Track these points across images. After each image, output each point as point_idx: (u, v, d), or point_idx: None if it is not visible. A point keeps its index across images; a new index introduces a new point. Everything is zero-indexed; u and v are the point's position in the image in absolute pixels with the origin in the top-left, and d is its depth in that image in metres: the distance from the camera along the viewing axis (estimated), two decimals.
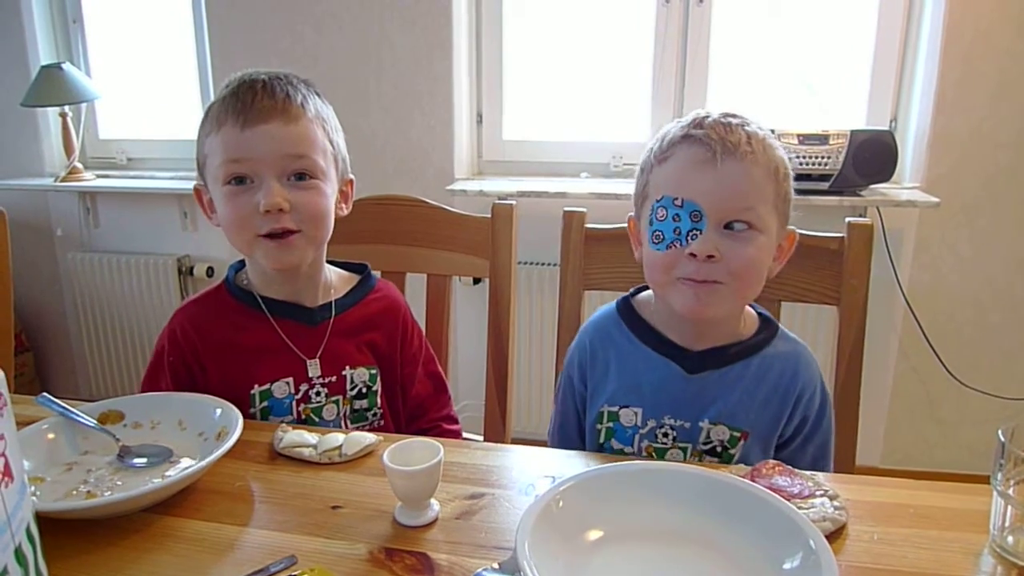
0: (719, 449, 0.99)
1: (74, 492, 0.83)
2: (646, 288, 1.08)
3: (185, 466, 0.87)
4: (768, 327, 1.03)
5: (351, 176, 1.16)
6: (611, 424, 1.03)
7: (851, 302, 1.18)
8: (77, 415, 0.93)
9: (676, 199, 0.91)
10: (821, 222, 1.25)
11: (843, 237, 1.18)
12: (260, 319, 1.10)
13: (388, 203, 1.39)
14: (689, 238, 0.91)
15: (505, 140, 2.52)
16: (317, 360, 1.11)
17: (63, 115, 2.65)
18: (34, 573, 0.59)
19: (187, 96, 2.74)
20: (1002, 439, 0.72)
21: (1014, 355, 2.27)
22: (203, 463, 0.82)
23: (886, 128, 2.20)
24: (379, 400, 1.16)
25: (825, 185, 2.06)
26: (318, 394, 1.11)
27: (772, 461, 0.86)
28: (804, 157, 2.04)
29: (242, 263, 1.15)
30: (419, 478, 0.77)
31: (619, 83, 2.44)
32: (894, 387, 2.34)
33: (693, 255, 0.90)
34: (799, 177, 2.01)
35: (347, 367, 1.13)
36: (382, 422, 1.17)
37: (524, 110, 2.50)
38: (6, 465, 0.55)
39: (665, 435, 1.00)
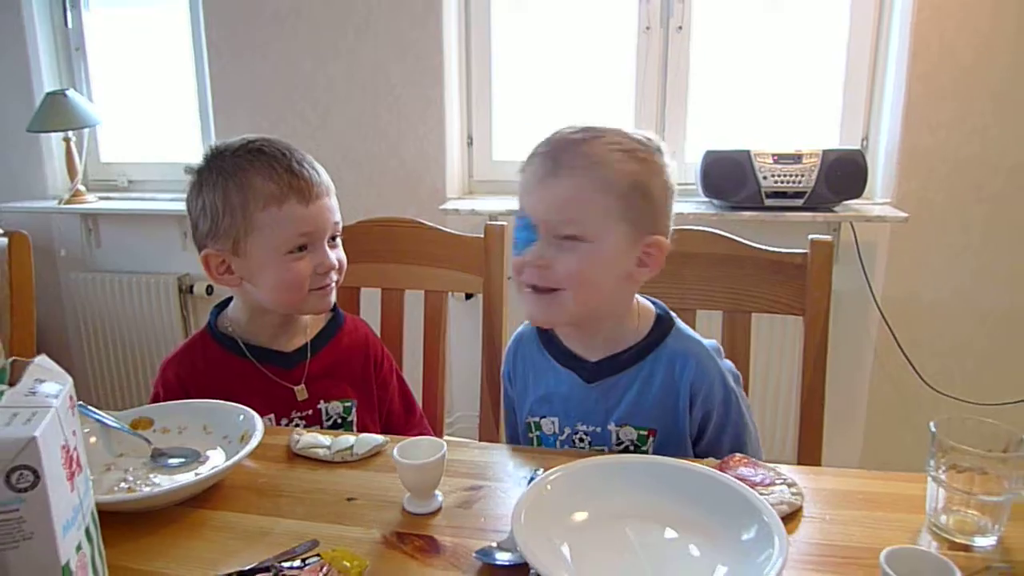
0: (631, 448, 1.06)
1: (115, 489, 0.92)
2: None
3: (214, 465, 0.97)
4: (660, 326, 1.08)
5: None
6: (537, 433, 1.13)
7: (815, 312, 1.29)
8: (113, 421, 1.02)
9: (519, 211, 1.02)
10: (796, 237, 1.35)
11: (806, 253, 1.29)
12: (243, 364, 1.20)
13: (389, 225, 1.49)
14: (527, 248, 1.00)
15: (495, 160, 2.62)
16: (303, 385, 1.22)
17: (67, 140, 2.72)
18: (98, 551, 0.68)
19: (186, 121, 2.83)
20: (933, 430, 0.83)
21: (984, 362, 2.36)
22: (231, 461, 0.91)
23: (856, 147, 2.31)
24: (354, 429, 1.25)
25: (800, 202, 2.16)
26: (297, 425, 1.21)
27: (739, 455, 0.96)
28: (779, 175, 2.15)
29: (223, 306, 1.25)
30: (427, 470, 0.87)
31: (603, 106, 2.54)
32: (871, 395, 2.43)
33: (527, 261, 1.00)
34: (775, 195, 2.15)
35: (322, 401, 1.24)
36: None
37: (513, 132, 2.60)
38: (78, 457, 0.65)
39: (581, 440, 1.09)
